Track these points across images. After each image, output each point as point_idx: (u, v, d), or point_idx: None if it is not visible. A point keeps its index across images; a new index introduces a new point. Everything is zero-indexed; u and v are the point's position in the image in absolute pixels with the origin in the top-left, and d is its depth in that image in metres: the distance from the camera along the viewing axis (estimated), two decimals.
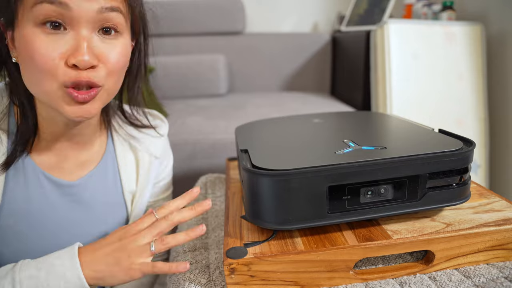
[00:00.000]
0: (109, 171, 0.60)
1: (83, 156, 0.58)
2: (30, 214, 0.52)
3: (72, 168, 0.56)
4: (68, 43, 0.44)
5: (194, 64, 1.47)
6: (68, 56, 0.44)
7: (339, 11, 1.80)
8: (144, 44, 0.60)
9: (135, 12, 0.52)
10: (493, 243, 0.43)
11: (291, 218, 0.41)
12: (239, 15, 1.66)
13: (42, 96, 0.47)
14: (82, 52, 0.43)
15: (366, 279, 0.43)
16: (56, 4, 0.42)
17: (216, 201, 0.67)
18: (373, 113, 0.72)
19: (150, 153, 0.64)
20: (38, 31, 0.43)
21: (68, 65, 0.44)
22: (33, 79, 0.45)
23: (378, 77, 1.21)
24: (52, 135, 0.54)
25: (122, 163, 0.62)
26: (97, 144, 0.60)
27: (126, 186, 0.61)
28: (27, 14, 0.43)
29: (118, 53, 0.48)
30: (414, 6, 1.46)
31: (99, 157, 0.60)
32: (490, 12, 1.30)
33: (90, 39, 0.45)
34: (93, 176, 0.58)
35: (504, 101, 1.27)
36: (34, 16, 0.43)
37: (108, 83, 0.49)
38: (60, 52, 0.43)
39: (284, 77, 1.70)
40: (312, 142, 0.52)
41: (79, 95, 0.45)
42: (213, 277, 0.46)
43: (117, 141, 0.62)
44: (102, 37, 0.47)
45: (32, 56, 0.43)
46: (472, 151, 0.44)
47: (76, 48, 0.44)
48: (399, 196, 0.43)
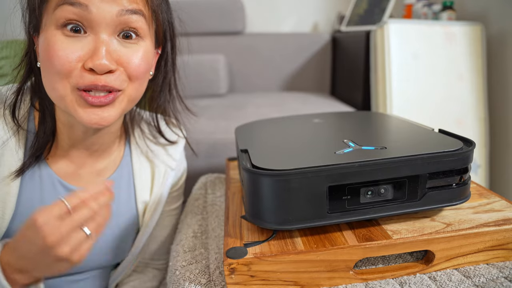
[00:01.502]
0: (124, 180, 0.60)
1: (99, 164, 0.57)
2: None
3: (88, 176, 0.56)
4: (87, 46, 0.43)
5: (194, 64, 1.46)
6: (85, 60, 0.43)
7: (339, 11, 1.80)
8: (172, 53, 0.58)
9: (159, 18, 0.51)
10: (493, 243, 0.43)
11: (291, 218, 0.41)
12: (239, 15, 1.66)
13: (58, 101, 0.46)
14: (100, 56, 0.42)
15: (366, 279, 0.43)
16: (76, 6, 0.42)
17: (216, 201, 0.67)
18: (373, 113, 0.72)
19: (166, 164, 0.63)
20: (58, 33, 0.43)
21: (85, 69, 0.43)
22: (49, 83, 0.45)
23: (378, 77, 1.21)
24: (70, 142, 0.53)
25: (138, 173, 0.60)
26: (115, 152, 0.59)
27: (139, 196, 0.61)
28: (50, 17, 0.43)
29: (139, 57, 0.46)
30: (414, 6, 1.46)
31: (115, 165, 0.59)
32: (490, 12, 1.30)
33: (109, 43, 0.44)
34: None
35: (504, 101, 1.27)
36: (56, 18, 0.42)
37: (129, 89, 0.47)
38: (78, 55, 0.43)
39: (284, 77, 1.70)
40: (312, 142, 0.52)
41: (93, 98, 0.44)
42: (213, 277, 0.46)
43: (134, 151, 0.61)
44: (122, 41, 0.45)
45: (50, 57, 0.43)
46: (472, 151, 0.44)
47: (94, 52, 0.43)
48: (399, 196, 0.43)
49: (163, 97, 0.60)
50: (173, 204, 0.69)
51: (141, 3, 0.46)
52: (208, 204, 0.67)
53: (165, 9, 0.53)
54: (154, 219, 0.63)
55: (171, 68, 0.59)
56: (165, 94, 0.60)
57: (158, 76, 0.58)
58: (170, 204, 0.69)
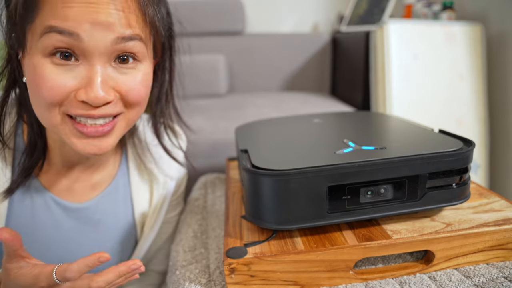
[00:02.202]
0: (120, 192, 0.58)
1: (94, 178, 0.55)
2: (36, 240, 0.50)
3: (83, 190, 0.54)
4: (79, 75, 0.39)
5: (194, 64, 1.46)
6: (78, 90, 0.39)
7: (339, 11, 1.80)
8: (170, 62, 0.55)
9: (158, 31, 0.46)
10: (493, 243, 0.43)
11: (291, 218, 0.41)
12: (239, 15, 1.66)
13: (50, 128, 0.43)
14: (95, 88, 0.38)
15: (366, 279, 0.43)
16: (65, 35, 0.37)
17: (216, 201, 0.67)
18: (373, 113, 0.72)
19: (166, 174, 0.61)
20: (46, 61, 0.39)
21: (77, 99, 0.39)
22: (38, 109, 0.42)
23: (378, 77, 1.21)
24: (62, 158, 0.50)
25: (135, 184, 0.58)
26: (111, 165, 0.57)
27: (137, 207, 0.59)
28: (36, 43, 0.39)
29: (137, 83, 0.43)
30: (414, 6, 1.46)
31: (111, 177, 0.57)
32: (490, 12, 1.30)
33: (105, 72, 0.40)
34: (104, 197, 0.56)
35: (504, 101, 1.27)
36: (43, 46, 0.38)
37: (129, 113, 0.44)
38: (70, 86, 0.39)
39: (284, 77, 1.70)
40: (312, 142, 0.52)
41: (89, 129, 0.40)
42: (213, 277, 0.46)
43: (131, 162, 0.58)
44: (119, 67, 0.41)
45: (39, 87, 0.39)
46: (472, 151, 0.44)
47: (89, 83, 0.39)
48: (399, 196, 0.43)
49: (160, 106, 0.57)
50: (173, 212, 0.68)
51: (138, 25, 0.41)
52: (208, 204, 0.67)
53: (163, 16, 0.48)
54: (154, 231, 0.61)
55: (168, 76, 0.56)
56: (162, 104, 0.57)
57: (155, 85, 0.55)
58: (169, 212, 0.67)
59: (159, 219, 0.61)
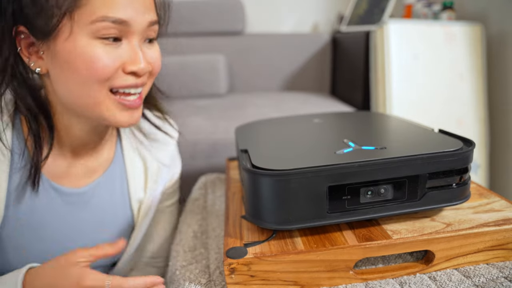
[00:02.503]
0: (117, 178, 0.60)
1: (91, 163, 0.57)
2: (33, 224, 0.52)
3: (80, 175, 0.56)
4: (125, 53, 0.47)
5: (194, 64, 1.46)
6: (124, 64, 0.47)
7: (339, 11, 1.80)
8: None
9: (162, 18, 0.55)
10: (493, 243, 0.43)
11: (291, 218, 0.41)
12: (239, 15, 1.66)
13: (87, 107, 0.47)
14: (140, 61, 0.47)
15: (366, 279, 0.43)
16: (117, 23, 0.45)
17: (216, 201, 0.67)
18: (373, 113, 0.72)
19: (159, 160, 0.63)
20: (96, 42, 0.44)
21: (125, 72, 0.47)
22: (80, 90, 0.46)
23: (378, 77, 1.21)
24: (65, 143, 0.53)
25: (130, 169, 0.61)
26: (107, 150, 0.59)
27: (133, 193, 0.61)
28: (83, 27, 0.44)
29: (158, 57, 0.52)
30: (414, 6, 1.46)
31: (108, 164, 0.59)
32: (490, 12, 1.30)
33: (143, 48, 0.49)
34: (101, 183, 0.57)
35: (504, 101, 1.27)
36: (93, 30, 0.44)
37: (148, 85, 0.52)
38: (120, 61, 0.46)
39: (284, 77, 1.70)
40: (312, 142, 0.52)
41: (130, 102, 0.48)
42: (213, 277, 0.46)
43: (126, 149, 0.61)
44: (146, 44, 0.50)
45: (90, 65, 0.44)
46: (472, 151, 0.44)
47: (134, 57, 0.47)
48: (399, 196, 0.43)
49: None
50: (169, 201, 0.69)
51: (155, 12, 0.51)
52: (208, 204, 0.67)
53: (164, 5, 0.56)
54: (148, 217, 0.63)
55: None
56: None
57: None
58: (165, 201, 0.68)
59: (153, 206, 0.63)
